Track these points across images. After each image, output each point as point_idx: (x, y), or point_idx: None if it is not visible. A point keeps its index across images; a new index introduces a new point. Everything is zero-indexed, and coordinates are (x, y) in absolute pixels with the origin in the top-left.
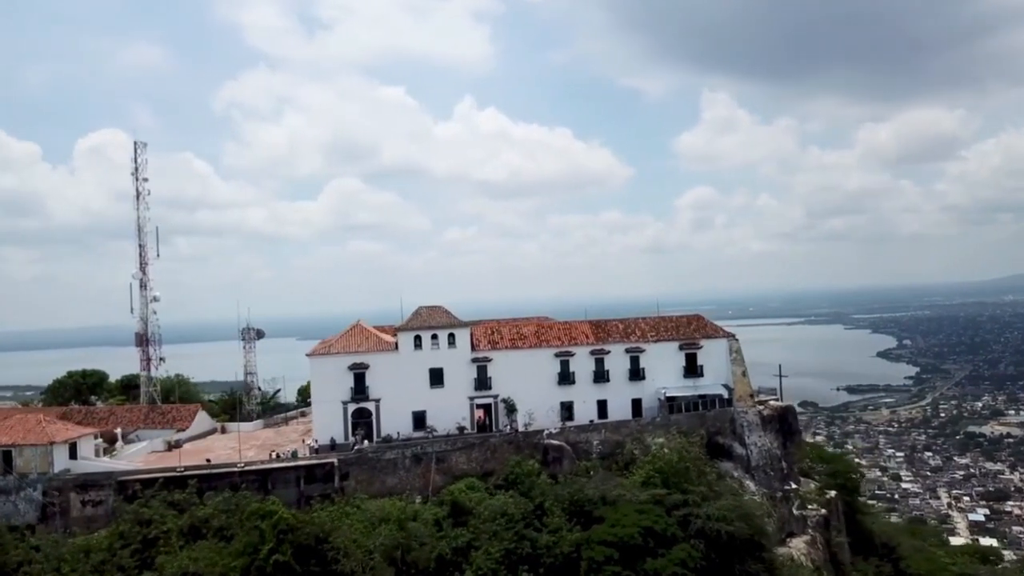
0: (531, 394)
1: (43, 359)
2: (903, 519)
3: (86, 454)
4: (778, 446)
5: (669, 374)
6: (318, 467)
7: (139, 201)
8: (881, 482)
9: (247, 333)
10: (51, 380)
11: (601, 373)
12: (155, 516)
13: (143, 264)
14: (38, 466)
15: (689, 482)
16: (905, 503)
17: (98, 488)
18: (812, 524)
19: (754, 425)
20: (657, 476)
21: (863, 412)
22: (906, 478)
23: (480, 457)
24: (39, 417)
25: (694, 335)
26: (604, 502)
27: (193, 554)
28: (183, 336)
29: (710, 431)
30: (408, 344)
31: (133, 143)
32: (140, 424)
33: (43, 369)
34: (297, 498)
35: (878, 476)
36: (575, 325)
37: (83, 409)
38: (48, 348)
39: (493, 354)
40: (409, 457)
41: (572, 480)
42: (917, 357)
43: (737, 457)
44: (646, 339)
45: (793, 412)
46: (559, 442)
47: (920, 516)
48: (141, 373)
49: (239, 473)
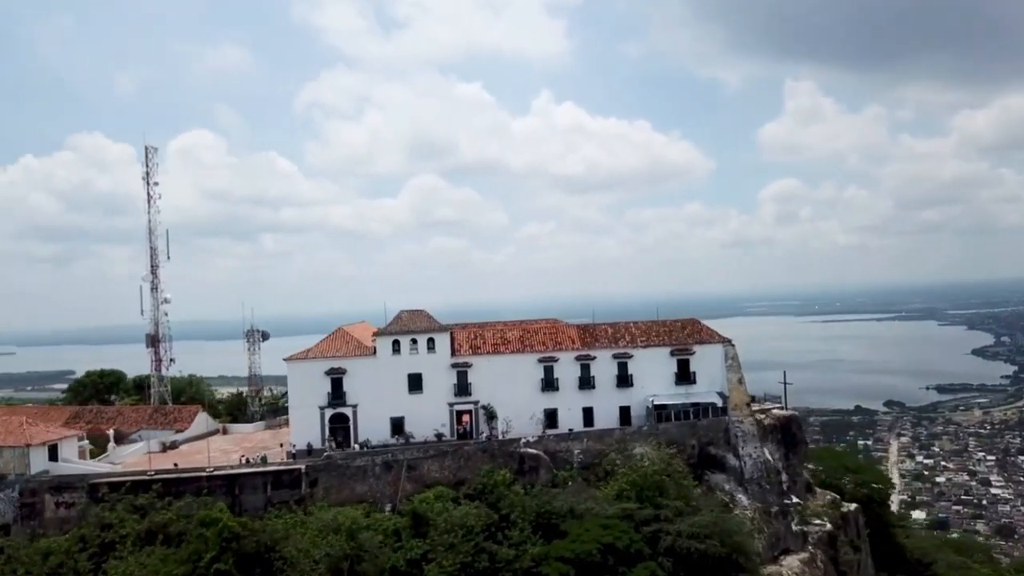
0: (513, 401)
1: (139, 351)
2: (989, 527)
3: (68, 456)
4: (780, 457)
5: (659, 381)
6: (285, 473)
7: (150, 204)
8: (968, 487)
9: (252, 335)
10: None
11: (587, 380)
12: (114, 520)
13: (154, 266)
14: (16, 467)
15: (665, 496)
16: (993, 509)
17: (71, 490)
18: (814, 540)
19: (749, 435)
20: (631, 489)
21: (953, 413)
22: (996, 483)
23: (453, 465)
24: (21, 419)
25: (687, 340)
26: (572, 515)
27: (142, 560)
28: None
29: (702, 441)
30: (386, 349)
31: (144, 148)
32: (143, 424)
33: (138, 362)
34: (264, 504)
35: (965, 480)
36: (562, 329)
37: (95, 409)
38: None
39: (474, 359)
40: (379, 464)
41: (543, 491)
42: (1015, 355)
43: (730, 469)
44: (635, 344)
45: (798, 421)
46: (536, 451)
47: (1008, 525)
48: (152, 373)
49: (206, 478)
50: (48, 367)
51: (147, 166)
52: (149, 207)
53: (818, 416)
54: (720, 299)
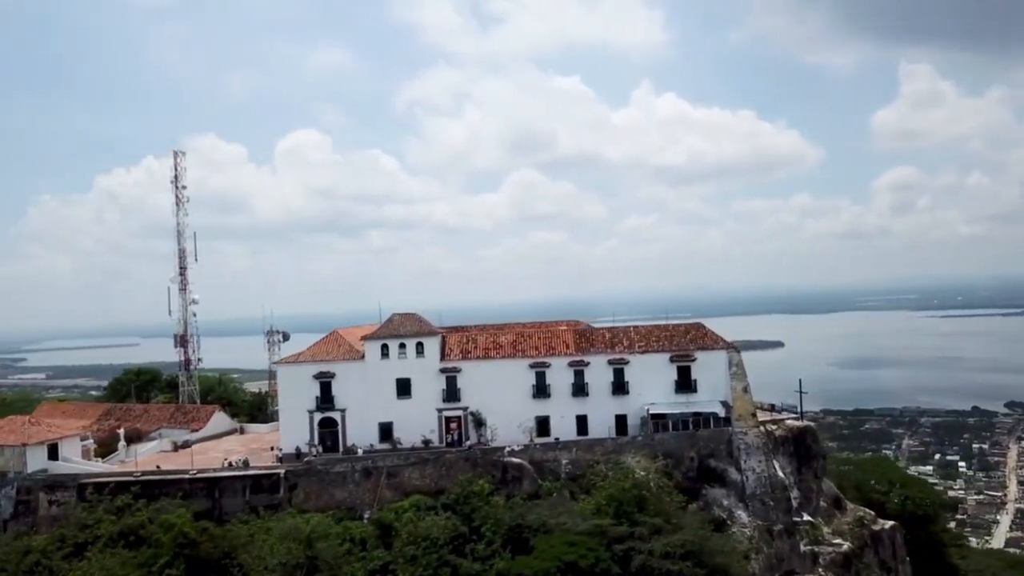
0: (504, 407)
1: (255, 344)
2: None
3: (68, 455)
4: (791, 472)
5: (658, 389)
6: (264, 477)
7: (179, 207)
8: None
9: (272, 336)
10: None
11: (580, 386)
12: (91, 521)
13: (182, 268)
14: (14, 465)
15: (645, 511)
16: None
17: (64, 489)
18: (825, 562)
19: (753, 448)
20: (608, 504)
21: None
22: None
23: (434, 474)
24: (25, 419)
25: (688, 346)
26: (544, 530)
27: (104, 562)
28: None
29: (701, 453)
30: (375, 353)
31: (173, 152)
32: (164, 423)
33: (252, 355)
34: (243, 507)
35: None
36: (557, 334)
37: (125, 407)
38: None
39: (463, 364)
40: (359, 470)
41: (520, 503)
42: None
43: (731, 484)
44: (632, 350)
45: (813, 433)
46: (520, 460)
47: None
48: (180, 373)
49: (188, 480)
50: (166, 358)
51: (175, 170)
52: (177, 210)
53: (930, 417)
54: (833, 292)
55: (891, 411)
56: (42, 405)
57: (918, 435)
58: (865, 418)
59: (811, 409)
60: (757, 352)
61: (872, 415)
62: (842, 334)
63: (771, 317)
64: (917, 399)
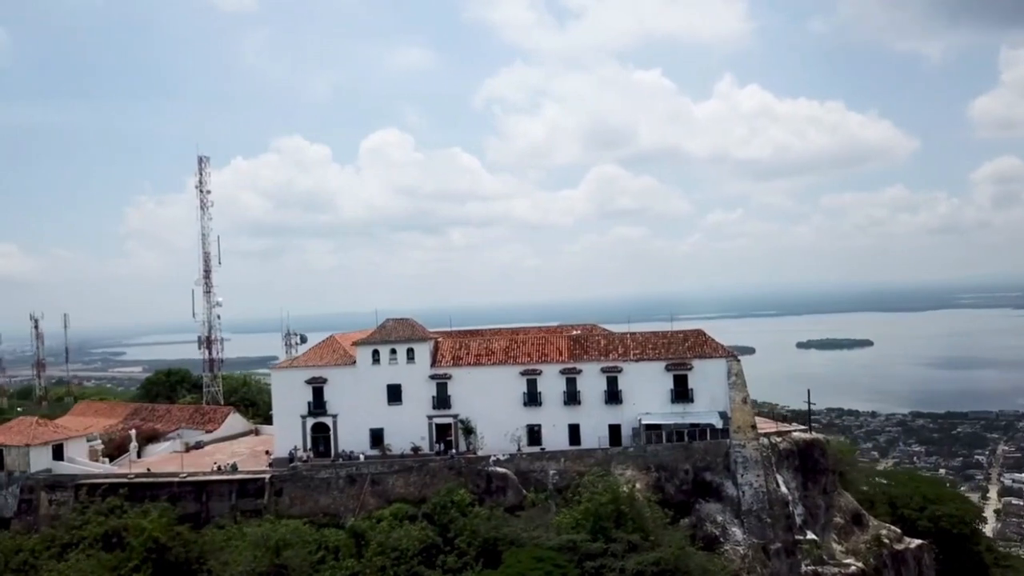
0: (494, 415)
1: None
2: None
3: (74, 455)
4: (796, 487)
5: (653, 398)
6: (250, 482)
7: (203, 212)
8: None
9: (289, 338)
10: None
11: (573, 395)
12: (78, 522)
13: (207, 271)
14: (20, 465)
15: (623, 527)
16: None
17: (63, 489)
18: None
19: (752, 462)
20: (584, 518)
21: None
22: None
23: (418, 482)
24: (32, 420)
25: (685, 354)
26: (516, 543)
27: (79, 564)
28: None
29: (697, 466)
30: (366, 359)
31: (197, 158)
32: (183, 424)
33: None
34: (230, 511)
35: None
36: (551, 340)
37: (150, 406)
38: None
39: (454, 371)
40: (343, 477)
41: (497, 515)
42: None
43: (727, 499)
44: (627, 358)
45: (821, 447)
46: (505, 470)
47: None
48: (204, 373)
49: (177, 483)
50: (255, 353)
51: (200, 175)
52: (202, 215)
53: None
54: (926, 289)
55: (986, 414)
56: (79, 403)
57: (1015, 440)
58: (958, 421)
59: (899, 411)
60: (844, 351)
61: (966, 418)
62: (935, 333)
63: (859, 315)
64: (1016, 402)
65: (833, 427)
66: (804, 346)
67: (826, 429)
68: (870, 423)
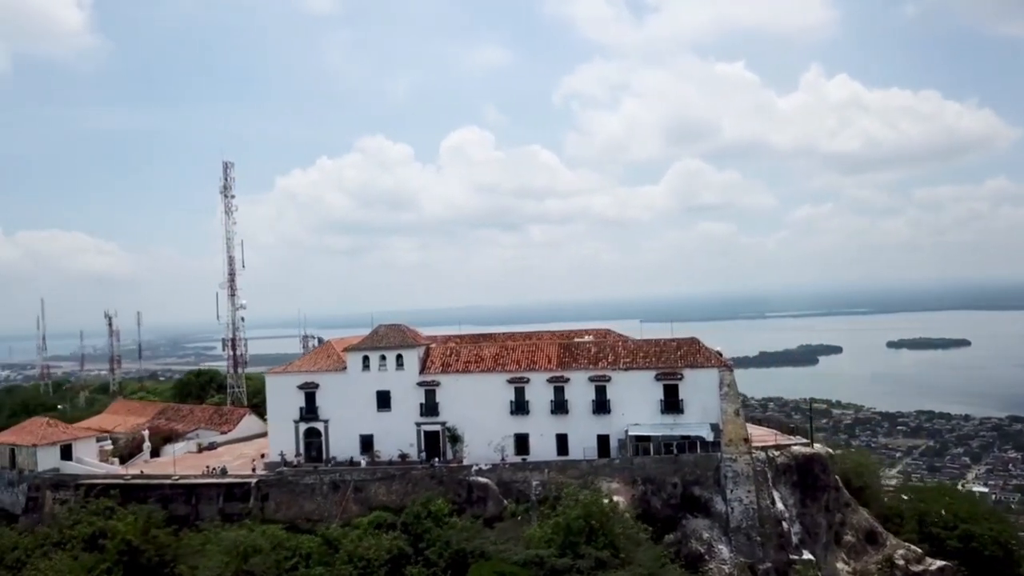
0: (482, 423)
1: None
2: None
3: (82, 455)
4: (794, 503)
5: (642, 408)
6: (236, 486)
7: (228, 216)
8: None
9: (306, 341)
10: None
11: (561, 404)
12: (69, 522)
13: (231, 274)
14: (28, 464)
15: (594, 542)
16: None
17: (66, 488)
18: None
19: (743, 477)
20: (554, 532)
21: None
22: None
23: (400, 490)
24: (43, 421)
25: (676, 363)
26: (485, 556)
27: (57, 564)
28: (527, 317)
29: (686, 480)
30: (357, 365)
31: (222, 164)
32: (202, 424)
33: None
34: (218, 514)
35: None
36: (541, 347)
37: (175, 406)
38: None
39: (442, 377)
40: (327, 483)
41: (470, 526)
42: None
43: (716, 515)
44: (616, 366)
45: (822, 462)
46: (487, 480)
47: None
48: (228, 374)
49: (169, 486)
50: None
51: (225, 179)
52: (227, 219)
53: None
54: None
55: None
56: (115, 401)
57: None
58: None
59: (995, 415)
60: (938, 351)
61: None
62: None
63: (956, 313)
64: None
65: (921, 431)
66: (895, 345)
67: (913, 433)
68: (962, 427)
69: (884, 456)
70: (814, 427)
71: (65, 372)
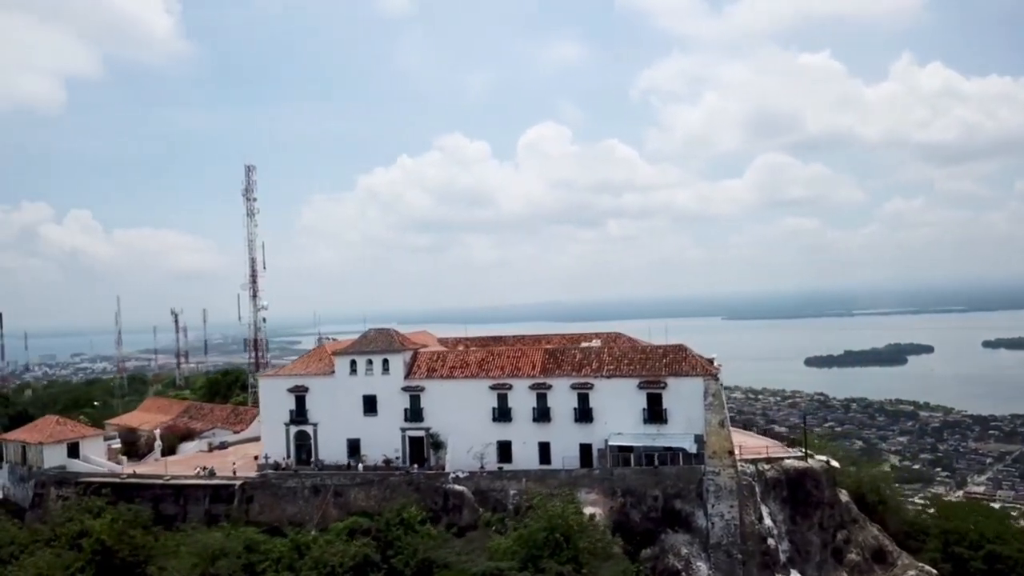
0: (466, 430)
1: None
2: None
3: (89, 453)
4: (784, 519)
5: (625, 417)
6: (222, 488)
7: (250, 219)
8: None
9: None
10: None
11: (543, 411)
12: (61, 519)
13: (253, 275)
14: (37, 461)
15: (557, 556)
16: None
17: (68, 485)
18: None
19: (725, 491)
20: (516, 545)
21: None
22: None
23: (379, 495)
24: (54, 419)
25: (660, 371)
26: (447, 566)
27: (37, 562)
28: (605, 313)
29: (667, 493)
30: (344, 369)
31: (245, 167)
32: (219, 424)
33: None
34: (204, 515)
35: None
36: (527, 353)
37: (198, 405)
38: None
39: (427, 383)
40: (308, 487)
41: (439, 535)
42: None
43: (697, 530)
44: (599, 373)
45: (815, 477)
46: (463, 488)
47: None
48: (249, 374)
49: (160, 486)
50: None
51: (247, 182)
52: (248, 221)
53: None
54: None
55: None
56: (147, 399)
57: None
58: None
59: None
60: None
61: None
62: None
63: None
64: None
65: (1016, 436)
66: (992, 345)
67: (1006, 438)
68: None
69: (973, 461)
70: (900, 431)
71: (137, 366)
